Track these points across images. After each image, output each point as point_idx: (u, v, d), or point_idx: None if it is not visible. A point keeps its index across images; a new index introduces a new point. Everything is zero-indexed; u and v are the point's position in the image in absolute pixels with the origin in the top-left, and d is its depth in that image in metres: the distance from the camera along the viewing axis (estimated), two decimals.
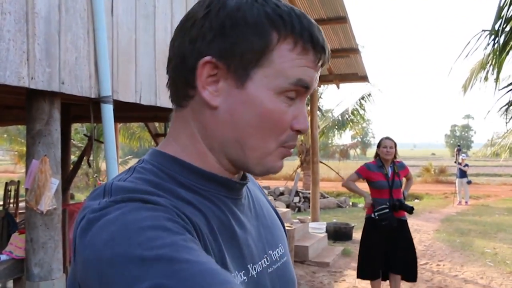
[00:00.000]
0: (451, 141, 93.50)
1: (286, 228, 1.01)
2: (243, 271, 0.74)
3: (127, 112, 5.72)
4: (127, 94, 3.79)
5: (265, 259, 0.81)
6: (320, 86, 9.37)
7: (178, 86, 0.76)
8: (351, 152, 21.68)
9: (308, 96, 0.79)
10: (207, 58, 0.71)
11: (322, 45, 0.74)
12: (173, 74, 0.77)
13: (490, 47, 4.39)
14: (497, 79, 5.32)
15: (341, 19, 8.12)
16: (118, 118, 6.42)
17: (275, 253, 0.85)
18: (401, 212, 4.81)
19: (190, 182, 0.74)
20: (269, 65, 0.71)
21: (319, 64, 0.75)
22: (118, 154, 10.79)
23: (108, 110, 3.51)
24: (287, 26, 0.71)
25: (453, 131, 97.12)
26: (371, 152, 5.17)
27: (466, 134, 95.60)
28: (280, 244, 0.88)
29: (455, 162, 16.35)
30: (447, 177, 25.67)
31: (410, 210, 4.75)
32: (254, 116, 0.72)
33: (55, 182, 3.04)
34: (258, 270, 0.78)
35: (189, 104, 0.76)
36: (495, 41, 4.25)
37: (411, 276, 4.90)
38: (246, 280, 0.74)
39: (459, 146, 16.99)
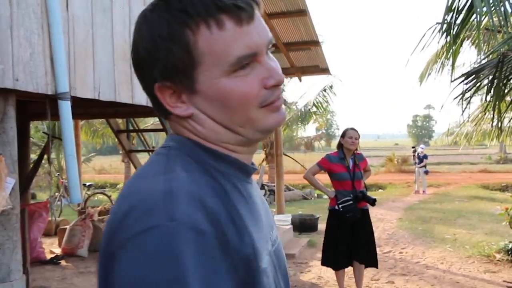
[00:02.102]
0: (413, 131, 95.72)
1: None
2: (266, 250, 0.79)
3: (87, 108, 5.62)
4: (85, 90, 3.73)
5: (270, 239, 0.85)
6: None
7: (154, 106, 0.81)
8: (316, 144, 21.92)
9: None
10: (157, 85, 0.76)
11: (234, 2, 0.72)
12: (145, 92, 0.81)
13: (443, 39, 4.51)
14: (452, 70, 5.49)
15: (301, 12, 8.17)
16: (78, 115, 6.32)
17: (274, 234, 0.89)
18: (363, 202, 4.91)
19: (222, 169, 0.78)
20: (203, 59, 0.73)
21: (251, 16, 0.74)
22: (79, 152, 10.59)
23: (65, 107, 3.44)
24: (193, 16, 0.71)
25: (415, 121, 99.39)
26: (336, 143, 5.23)
27: (427, 124, 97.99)
28: (274, 227, 0.92)
29: (414, 163, 16.95)
30: (410, 167, 26.26)
31: (373, 202, 4.85)
32: (222, 107, 0.75)
33: (11, 182, 2.96)
34: (270, 249, 0.83)
35: (171, 117, 0.80)
36: (448, 33, 4.38)
37: (373, 262, 5.00)
38: (267, 259, 0.78)
39: (413, 147, 17.38)
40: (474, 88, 4.56)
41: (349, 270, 5.15)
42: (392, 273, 6.26)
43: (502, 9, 4.22)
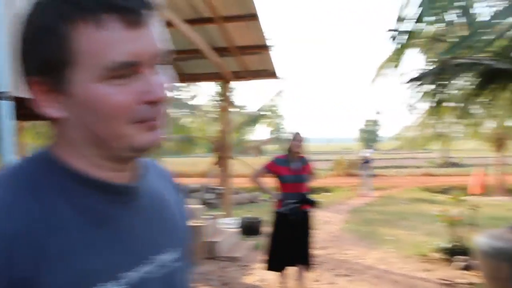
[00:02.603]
0: (364, 136, 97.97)
1: (196, 225, 0.96)
2: (125, 278, 0.73)
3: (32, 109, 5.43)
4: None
5: (150, 264, 0.78)
6: (229, 83, 9.46)
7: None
8: (267, 147, 22.10)
9: (221, 90, 0.80)
10: (30, 78, 0.71)
11: (123, 2, 0.66)
12: None
13: (393, 46, 4.69)
14: (399, 76, 5.69)
15: (252, 17, 8.25)
16: (23, 116, 6.09)
17: (165, 258, 0.82)
18: (306, 205, 5.00)
19: (68, 189, 0.72)
20: (79, 58, 0.67)
21: (139, 21, 0.68)
22: (23, 155, 10.19)
23: (4, 107, 3.34)
24: (75, 10, 0.66)
25: (367, 126, 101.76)
26: (286, 147, 5.31)
27: (376, 129, 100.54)
28: (175, 248, 0.86)
29: (361, 167, 17.35)
30: (357, 171, 26.91)
31: (316, 204, 4.96)
32: (93, 115, 0.69)
33: None
34: (135, 276, 0.75)
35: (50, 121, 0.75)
36: (397, 40, 4.56)
37: (308, 263, 5.09)
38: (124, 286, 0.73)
39: (365, 159, 17.71)
40: (419, 93, 4.76)
41: (292, 271, 5.24)
42: (335, 274, 6.41)
43: (447, 18, 4.44)
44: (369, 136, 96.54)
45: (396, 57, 5.32)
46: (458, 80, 4.43)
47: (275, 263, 5.08)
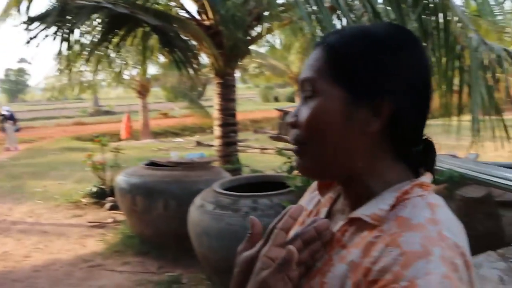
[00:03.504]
0: (7, 86, 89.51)
1: None
2: None
3: None
4: None
5: None
6: None
7: None
8: None
9: None
10: None
11: None
12: None
13: None
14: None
15: None
16: None
17: None
18: None
19: None
20: None
21: None
22: None
23: None
24: None
25: (7, 76, 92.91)
26: None
27: (22, 79, 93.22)
28: None
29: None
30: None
31: None
32: None
33: None
34: None
35: None
36: None
37: None
38: None
39: (3, 115, 16.30)
40: (43, 35, 4.46)
41: None
42: None
43: None
44: (14, 87, 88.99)
45: None
46: (88, 23, 4.41)
47: None
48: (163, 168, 5.13)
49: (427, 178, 0.75)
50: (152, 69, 20.19)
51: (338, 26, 3.41)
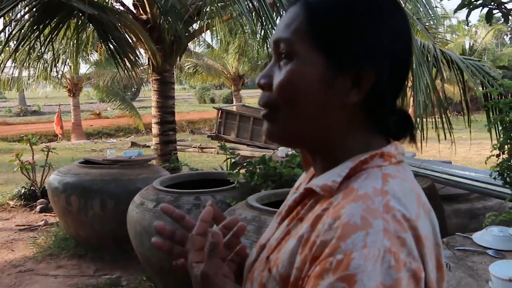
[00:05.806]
0: None
1: None
2: None
3: None
4: None
5: None
6: None
7: None
8: None
9: None
10: None
11: None
12: None
13: None
14: None
15: None
16: None
17: None
18: None
19: None
20: None
21: None
22: None
23: None
24: None
25: None
26: None
27: None
28: None
29: None
30: None
31: None
32: None
33: None
34: None
35: None
36: None
37: None
38: None
39: None
40: None
41: None
42: None
43: None
44: None
45: None
46: (18, 11, 4.11)
47: None
48: (99, 166, 4.92)
49: (392, 148, 0.70)
50: (84, 68, 19.48)
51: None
